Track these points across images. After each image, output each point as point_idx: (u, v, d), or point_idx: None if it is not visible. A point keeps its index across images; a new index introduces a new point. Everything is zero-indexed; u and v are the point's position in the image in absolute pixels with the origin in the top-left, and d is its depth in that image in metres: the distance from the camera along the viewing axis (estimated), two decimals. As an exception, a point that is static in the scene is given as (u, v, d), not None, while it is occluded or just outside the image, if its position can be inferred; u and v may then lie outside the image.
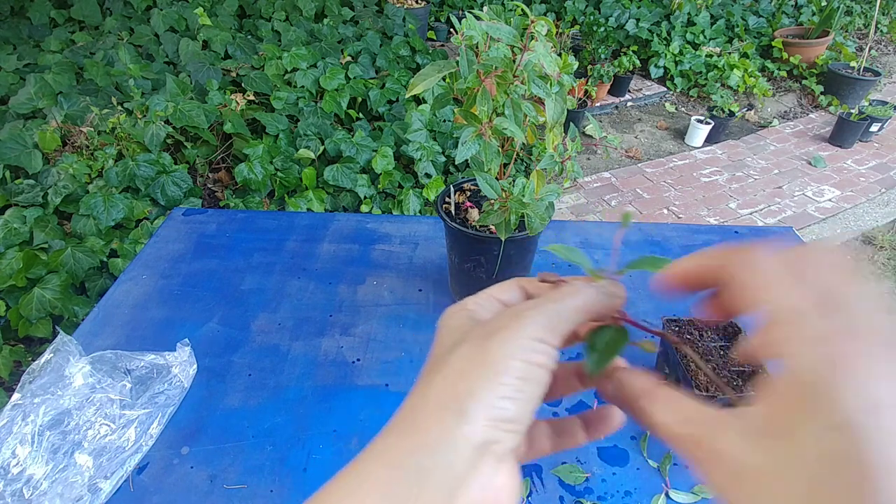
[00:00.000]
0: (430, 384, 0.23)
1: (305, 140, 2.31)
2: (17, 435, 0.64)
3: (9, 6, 2.99)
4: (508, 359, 0.22)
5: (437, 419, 0.21)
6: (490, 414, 0.21)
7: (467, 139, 0.60)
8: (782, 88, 3.89)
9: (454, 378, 0.23)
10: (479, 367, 0.22)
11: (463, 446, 0.21)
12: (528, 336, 0.23)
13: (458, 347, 0.24)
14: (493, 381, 0.22)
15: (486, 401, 0.21)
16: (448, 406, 0.22)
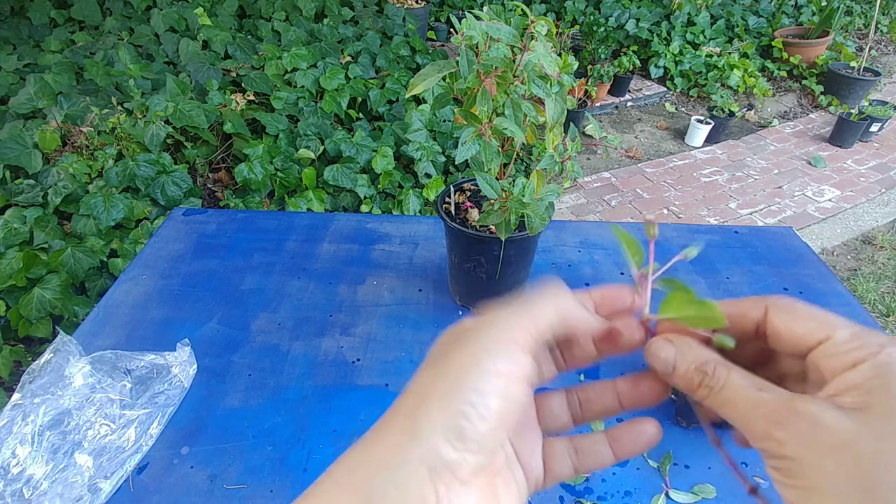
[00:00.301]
0: (398, 402, 0.23)
1: (305, 140, 2.31)
2: (17, 435, 0.64)
3: (9, 6, 2.99)
4: (464, 374, 0.21)
5: (393, 440, 0.21)
6: (444, 434, 0.20)
7: (467, 139, 0.60)
8: (782, 88, 3.89)
9: (412, 396, 0.22)
10: (433, 385, 0.21)
11: (415, 471, 0.20)
12: (484, 348, 0.21)
13: (422, 370, 0.23)
14: (448, 398, 0.20)
15: (439, 419, 0.20)
16: (404, 427, 0.21)
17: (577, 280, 0.94)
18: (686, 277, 0.95)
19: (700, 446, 0.67)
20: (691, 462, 0.65)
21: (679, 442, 0.67)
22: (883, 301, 2.23)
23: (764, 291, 0.92)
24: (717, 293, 0.91)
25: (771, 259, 1.00)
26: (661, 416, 0.71)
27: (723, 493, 0.62)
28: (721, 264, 0.98)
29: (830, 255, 2.50)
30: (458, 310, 0.87)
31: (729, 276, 0.95)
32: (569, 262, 0.98)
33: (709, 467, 0.65)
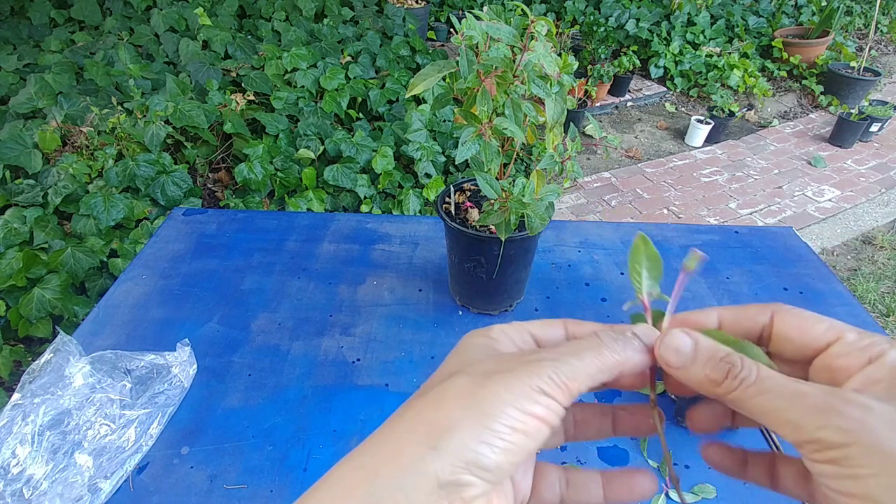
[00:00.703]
0: (413, 407, 0.22)
1: (305, 140, 2.31)
2: (17, 435, 0.64)
3: (9, 6, 2.99)
4: (504, 404, 0.21)
5: (406, 447, 0.21)
6: (465, 456, 0.20)
7: (467, 139, 0.60)
8: (782, 88, 3.89)
9: (438, 408, 0.21)
10: (468, 404, 0.21)
11: (426, 483, 0.20)
12: (532, 386, 0.21)
13: (457, 377, 0.22)
14: (478, 422, 0.20)
15: (464, 441, 0.20)
16: (423, 436, 0.21)
17: (577, 280, 0.94)
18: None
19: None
20: (691, 462, 0.65)
21: (679, 442, 0.67)
22: (883, 301, 2.23)
23: (764, 291, 0.92)
24: (717, 293, 0.91)
25: (771, 259, 1.00)
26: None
27: (723, 493, 0.62)
28: (721, 264, 0.98)
29: (830, 255, 2.50)
30: (458, 310, 0.87)
31: (729, 276, 0.95)
32: (569, 262, 0.98)
33: (709, 467, 0.65)
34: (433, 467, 0.20)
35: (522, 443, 0.21)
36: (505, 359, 0.23)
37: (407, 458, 0.20)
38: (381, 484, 0.20)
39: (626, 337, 0.24)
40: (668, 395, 0.73)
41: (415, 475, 0.20)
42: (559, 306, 0.87)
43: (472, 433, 0.20)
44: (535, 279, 0.93)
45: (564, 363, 0.22)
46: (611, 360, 0.23)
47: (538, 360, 0.22)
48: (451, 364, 0.24)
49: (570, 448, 0.67)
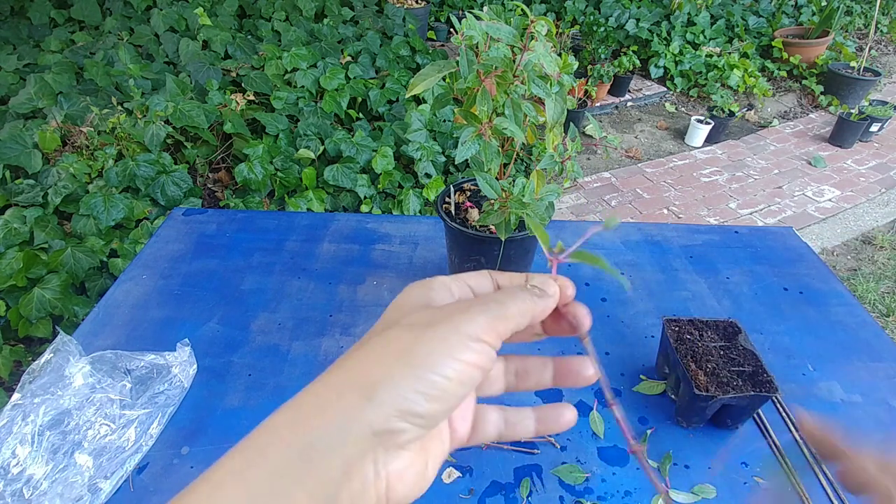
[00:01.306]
0: (351, 357, 0.23)
1: (305, 140, 2.31)
2: (17, 435, 0.64)
3: (9, 6, 2.99)
4: (438, 354, 0.22)
5: (341, 397, 0.21)
6: (400, 405, 0.21)
7: (467, 139, 0.60)
8: (782, 88, 3.89)
9: (374, 359, 0.22)
10: (404, 355, 0.22)
11: (360, 429, 0.20)
12: (465, 334, 0.22)
13: (393, 329, 0.23)
14: (414, 372, 0.21)
15: (399, 392, 0.21)
16: (358, 386, 0.21)
17: (577, 280, 0.94)
18: (686, 277, 0.95)
19: (700, 446, 0.67)
20: (691, 462, 0.65)
21: (679, 442, 0.68)
22: (883, 301, 2.23)
23: (764, 291, 0.92)
24: (717, 293, 0.91)
25: (771, 259, 1.00)
26: (661, 417, 0.71)
27: (723, 492, 0.62)
28: (721, 264, 0.98)
29: (830, 255, 2.50)
30: (458, 310, 0.87)
31: (729, 276, 0.95)
32: (569, 262, 0.98)
33: (708, 467, 0.65)
34: (367, 416, 0.20)
35: (455, 390, 0.22)
36: (439, 309, 0.24)
37: (342, 407, 0.21)
38: (316, 433, 0.20)
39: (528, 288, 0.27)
40: (668, 396, 0.73)
41: (349, 424, 0.20)
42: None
43: (407, 383, 0.21)
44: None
45: (492, 310, 0.24)
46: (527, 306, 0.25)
47: (469, 309, 0.24)
48: (389, 315, 0.25)
49: (570, 449, 0.67)
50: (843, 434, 0.32)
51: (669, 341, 0.69)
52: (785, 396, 0.73)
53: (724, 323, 0.72)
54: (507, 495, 0.62)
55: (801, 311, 0.88)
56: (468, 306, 0.24)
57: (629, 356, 0.80)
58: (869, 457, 0.31)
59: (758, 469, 0.65)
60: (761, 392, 0.63)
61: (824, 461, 0.64)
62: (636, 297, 0.91)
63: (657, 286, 0.93)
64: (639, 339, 0.82)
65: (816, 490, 0.62)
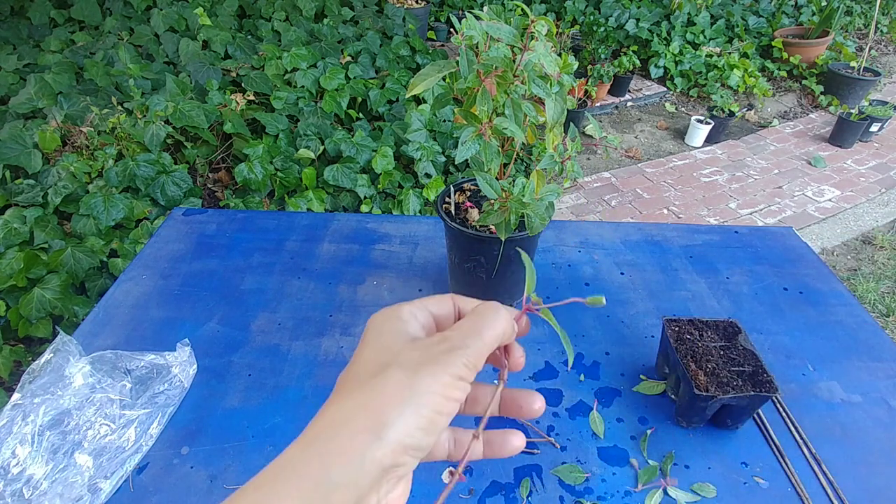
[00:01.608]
0: (350, 397, 0.25)
1: (305, 140, 2.31)
2: (17, 435, 0.64)
3: (9, 6, 2.99)
4: (432, 393, 0.25)
5: (354, 439, 0.23)
6: (405, 442, 0.24)
7: (467, 139, 0.60)
8: (782, 88, 3.89)
9: (379, 401, 0.24)
10: (404, 396, 0.24)
11: (372, 467, 0.23)
12: (451, 374, 0.25)
13: (392, 370, 0.25)
14: (414, 412, 0.24)
15: (404, 430, 0.24)
16: (368, 428, 0.23)
17: (577, 280, 0.94)
18: (686, 277, 0.95)
19: (700, 446, 0.67)
20: (691, 462, 0.65)
21: (679, 442, 0.68)
22: (883, 301, 2.23)
23: (764, 291, 0.92)
24: (717, 293, 0.91)
25: (771, 259, 1.00)
26: (661, 417, 0.71)
27: (723, 492, 0.62)
28: (721, 264, 0.98)
29: (830, 255, 2.50)
30: (458, 310, 0.87)
31: (729, 276, 0.95)
32: (569, 262, 0.98)
33: (709, 467, 0.65)
34: (378, 455, 0.23)
35: (443, 422, 0.25)
36: (426, 347, 0.27)
37: (358, 449, 0.23)
38: (335, 472, 0.22)
39: (506, 310, 0.29)
40: (668, 396, 0.73)
41: (362, 463, 0.23)
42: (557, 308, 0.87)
43: (410, 422, 0.24)
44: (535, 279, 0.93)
45: (472, 347, 0.26)
46: (501, 328, 0.28)
47: (452, 349, 0.26)
48: (375, 349, 0.27)
49: (570, 449, 0.67)
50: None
51: (669, 341, 0.69)
52: (785, 396, 0.73)
53: (724, 323, 0.72)
54: (507, 495, 0.62)
55: (801, 311, 0.88)
56: (451, 346, 0.26)
57: (629, 356, 0.80)
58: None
59: (758, 469, 0.65)
60: (761, 392, 0.63)
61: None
62: (636, 297, 0.91)
63: (657, 286, 0.93)
64: (639, 339, 0.82)
65: (817, 490, 0.62)
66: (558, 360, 0.79)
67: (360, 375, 0.26)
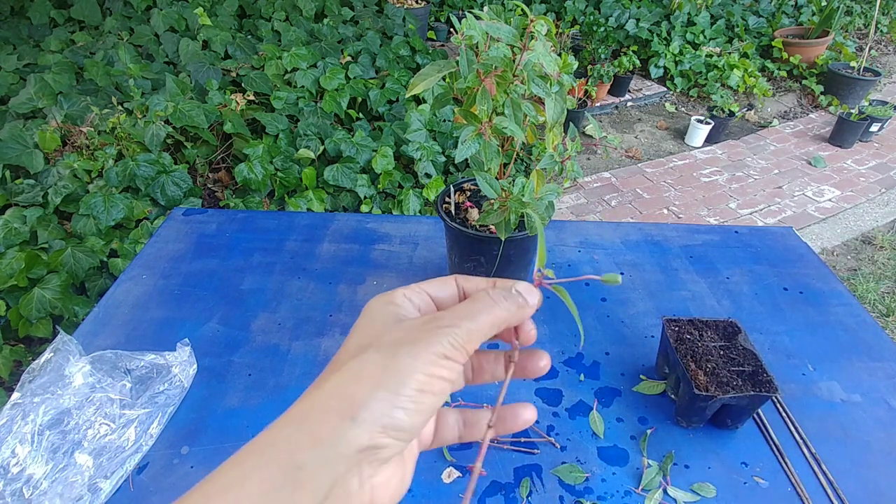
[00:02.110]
0: (329, 380, 0.24)
1: (305, 140, 2.31)
2: (17, 434, 0.64)
3: (9, 6, 2.99)
4: (412, 372, 0.23)
5: (327, 420, 0.22)
6: (382, 422, 0.22)
7: (467, 139, 0.60)
8: (782, 88, 3.89)
9: (353, 382, 0.23)
10: (381, 376, 0.23)
11: (346, 448, 0.22)
12: (435, 352, 0.24)
13: (366, 352, 0.24)
14: (392, 391, 0.23)
15: (380, 410, 0.22)
16: (341, 409, 0.23)
17: (576, 280, 0.94)
18: (686, 277, 0.95)
19: (700, 446, 0.67)
20: (691, 462, 0.65)
21: (679, 442, 0.67)
22: (883, 301, 2.23)
23: (764, 291, 0.92)
24: (717, 293, 0.91)
25: (771, 259, 1.00)
26: (661, 417, 0.71)
27: (723, 492, 0.62)
28: (721, 264, 0.98)
29: (830, 255, 2.50)
30: (458, 310, 0.87)
31: (729, 276, 0.95)
32: (569, 262, 0.98)
33: (709, 467, 0.65)
34: (352, 434, 0.22)
35: (431, 402, 0.24)
36: (410, 327, 0.25)
37: (329, 429, 0.22)
38: (304, 454, 0.22)
39: (512, 294, 0.27)
40: (668, 396, 0.73)
41: (336, 446, 0.22)
42: (559, 306, 0.87)
43: (387, 401, 0.22)
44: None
45: (461, 327, 0.25)
46: (502, 316, 0.26)
47: (438, 328, 0.25)
48: (360, 334, 0.26)
49: (570, 449, 0.67)
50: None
51: (669, 341, 0.69)
52: (785, 396, 0.73)
53: (724, 323, 0.72)
54: (507, 495, 0.62)
55: (801, 311, 0.88)
56: (436, 325, 0.25)
57: (629, 356, 0.80)
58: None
59: (758, 469, 0.65)
60: (761, 392, 0.63)
61: None
62: (636, 297, 0.91)
63: (657, 286, 0.93)
64: (639, 339, 0.82)
65: (817, 490, 0.62)
66: (559, 360, 0.79)
67: (340, 360, 0.25)
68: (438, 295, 0.29)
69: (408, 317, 0.27)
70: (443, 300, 0.29)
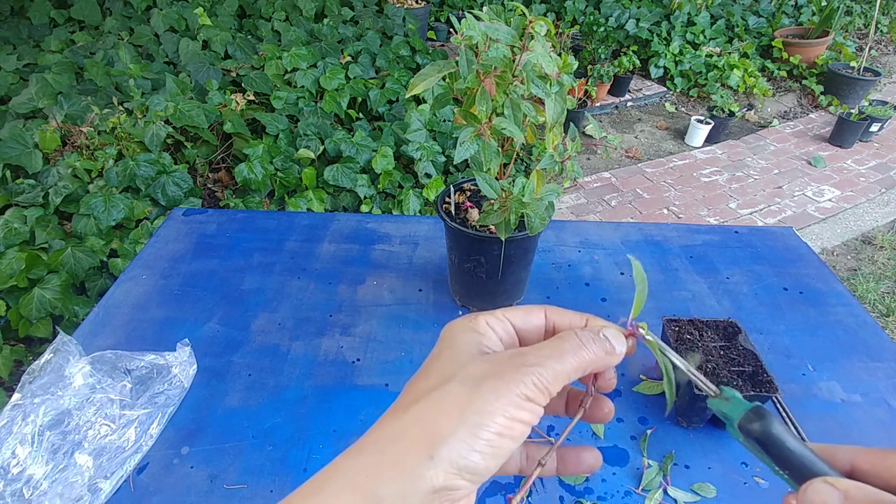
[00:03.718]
0: (408, 410, 0.24)
1: (305, 140, 2.31)
2: (17, 435, 0.64)
3: (9, 6, 2.99)
4: (494, 414, 0.22)
5: (405, 454, 0.22)
6: (458, 463, 0.22)
7: (466, 139, 0.60)
8: (782, 88, 3.89)
9: (434, 417, 0.23)
10: (461, 413, 0.23)
11: (422, 486, 0.21)
12: (518, 394, 0.23)
13: (451, 384, 0.24)
14: (471, 432, 0.22)
15: (458, 450, 0.22)
16: (421, 445, 0.22)
17: (577, 280, 0.94)
18: (686, 277, 0.95)
19: (700, 446, 0.67)
20: (691, 462, 0.65)
21: (679, 442, 0.68)
22: (883, 301, 2.23)
23: (764, 291, 0.92)
24: (717, 293, 0.91)
25: (771, 259, 1.00)
26: (661, 417, 0.71)
27: (723, 492, 0.62)
28: (721, 264, 0.98)
29: (830, 255, 2.50)
30: (458, 309, 0.87)
31: (729, 276, 0.95)
32: (569, 262, 0.98)
33: (709, 467, 0.65)
34: (430, 474, 0.22)
35: (508, 446, 0.23)
36: (495, 361, 0.25)
37: (408, 464, 0.22)
38: (384, 486, 0.22)
39: (601, 338, 0.26)
40: (667, 395, 0.73)
41: (414, 481, 0.21)
42: (559, 306, 0.87)
43: (466, 443, 0.22)
44: (535, 279, 0.93)
45: (547, 367, 0.24)
46: (588, 359, 0.25)
47: (524, 366, 0.24)
48: (443, 362, 0.26)
49: (570, 448, 0.67)
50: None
51: (669, 341, 0.69)
52: (785, 396, 0.73)
53: (724, 323, 0.72)
54: (507, 495, 0.62)
55: (801, 311, 0.88)
56: (522, 362, 0.24)
57: (629, 356, 0.79)
58: None
59: (758, 469, 0.65)
60: (761, 392, 0.63)
61: None
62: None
63: (657, 286, 0.93)
64: (639, 339, 0.82)
65: (816, 490, 0.62)
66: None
67: (421, 388, 0.25)
68: (522, 326, 0.28)
69: (492, 348, 0.26)
70: (526, 332, 0.28)
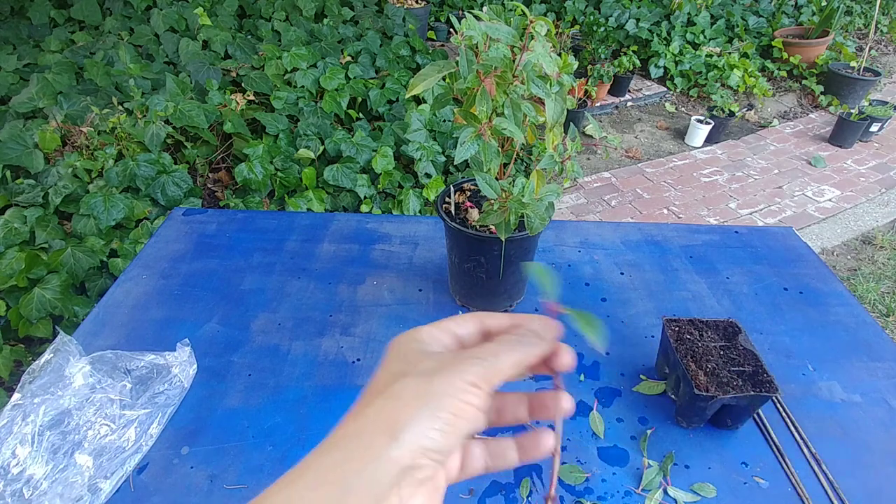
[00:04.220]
0: (370, 405, 0.26)
1: (305, 140, 2.31)
2: (17, 435, 0.64)
3: (9, 6, 2.99)
4: (446, 396, 0.25)
5: (371, 443, 0.24)
6: (420, 443, 0.24)
7: (466, 139, 0.60)
8: (782, 88, 3.89)
9: (394, 406, 0.25)
10: (419, 399, 0.25)
11: (389, 467, 0.23)
12: (464, 380, 0.26)
13: (404, 378, 0.26)
14: (429, 414, 0.25)
15: (419, 431, 0.24)
16: (384, 431, 0.24)
17: (577, 280, 0.94)
18: (686, 277, 0.95)
19: (700, 446, 0.67)
20: (691, 462, 0.65)
21: (679, 442, 0.68)
22: (883, 301, 2.23)
23: (764, 291, 0.92)
24: (717, 293, 0.91)
25: (771, 259, 1.00)
26: (661, 417, 0.71)
27: (723, 492, 0.62)
28: (721, 264, 0.98)
29: (830, 255, 2.50)
30: (458, 310, 0.87)
31: (729, 276, 0.95)
32: (569, 262, 0.98)
33: (709, 467, 0.65)
34: (396, 454, 0.23)
35: (463, 426, 0.25)
36: (441, 358, 0.28)
37: (374, 451, 0.24)
38: (354, 477, 0.23)
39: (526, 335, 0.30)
40: (668, 396, 0.73)
41: (379, 464, 0.23)
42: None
43: (425, 423, 0.24)
44: (535, 279, 0.93)
45: (488, 362, 0.27)
46: (518, 357, 0.28)
47: (468, 359, 0.27)
48: (392, 366, 0.28)
49: (570, 449, 0.67)
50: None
51: (669, 341, 0.69)
52: (785, 396, 0.73)
53: (724, 323, 0.72)
54: (507, 495, 0.62)
55: (801, 311, 0.88)
56: (466, 357, 0.27)
57: (629, 356, 0.80)
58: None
59: (758, 469, 0.65)
60: (761, 392, 0.63)
61: None
62: (636, 297, 0.91)
63: (657, 286, 0.93)
64: (639, 339, 0.82)
65: (817, 490, 0.62)
66: (558, 360, 0.79)
67: (378, 388, 0.27)
68: (460, 332, 0.31)
69: (435, 351, 0.29)
70: (465, 337, 0.31)
